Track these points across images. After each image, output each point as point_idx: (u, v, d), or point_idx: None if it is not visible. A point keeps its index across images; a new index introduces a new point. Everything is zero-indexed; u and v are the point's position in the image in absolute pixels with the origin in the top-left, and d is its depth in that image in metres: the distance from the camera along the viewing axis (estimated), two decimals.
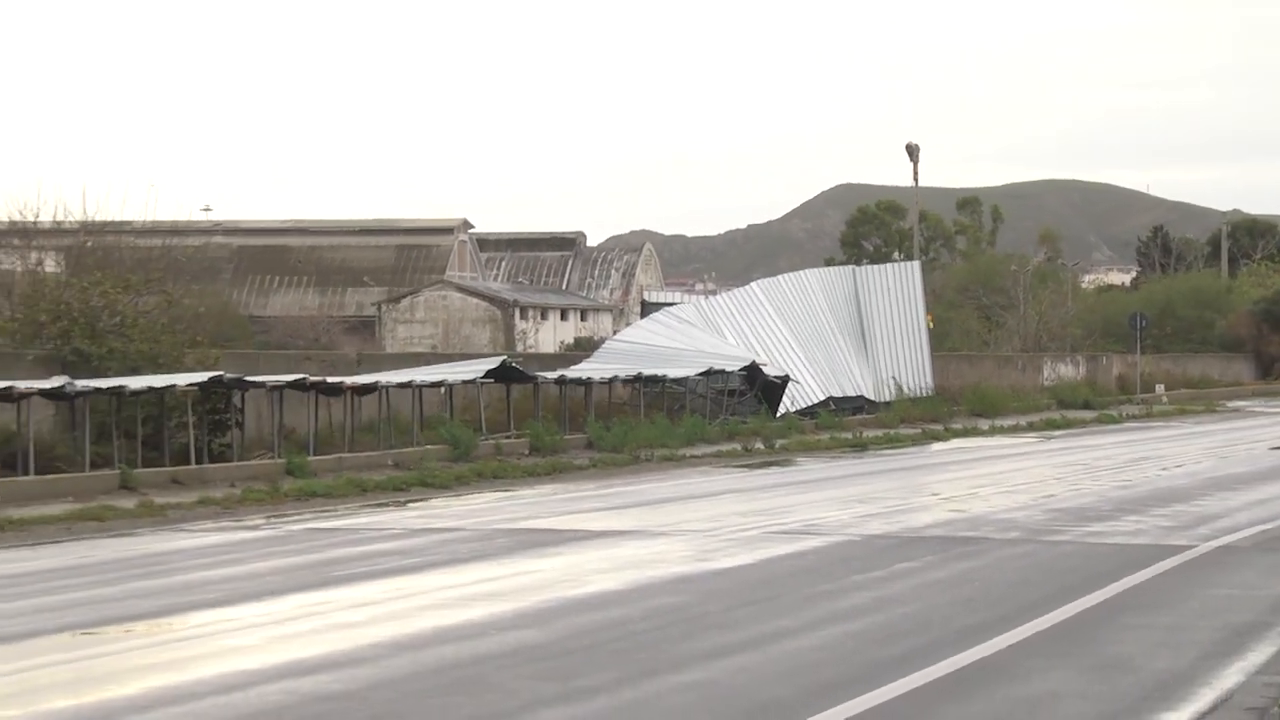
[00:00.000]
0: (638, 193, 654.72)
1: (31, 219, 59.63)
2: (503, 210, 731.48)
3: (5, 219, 59.94)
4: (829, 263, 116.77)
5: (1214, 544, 30.69)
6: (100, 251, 58.33)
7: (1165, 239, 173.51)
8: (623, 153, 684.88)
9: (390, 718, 16.25)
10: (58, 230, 59.91)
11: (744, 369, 72.04)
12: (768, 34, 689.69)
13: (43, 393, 42.29)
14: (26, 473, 40.74)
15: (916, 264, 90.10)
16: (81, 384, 43.09)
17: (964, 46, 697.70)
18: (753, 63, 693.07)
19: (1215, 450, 58.31)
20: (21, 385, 41.79)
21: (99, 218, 61.25)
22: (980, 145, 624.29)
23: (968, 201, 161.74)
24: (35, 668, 19.30)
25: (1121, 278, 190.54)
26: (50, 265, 57.04)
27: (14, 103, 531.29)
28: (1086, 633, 21.44)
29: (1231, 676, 18.64)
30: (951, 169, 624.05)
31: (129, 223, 63.12)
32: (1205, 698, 17.49)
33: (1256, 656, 19.80)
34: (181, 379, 45.62)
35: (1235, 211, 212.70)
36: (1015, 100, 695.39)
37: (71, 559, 30.24)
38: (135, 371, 46.42)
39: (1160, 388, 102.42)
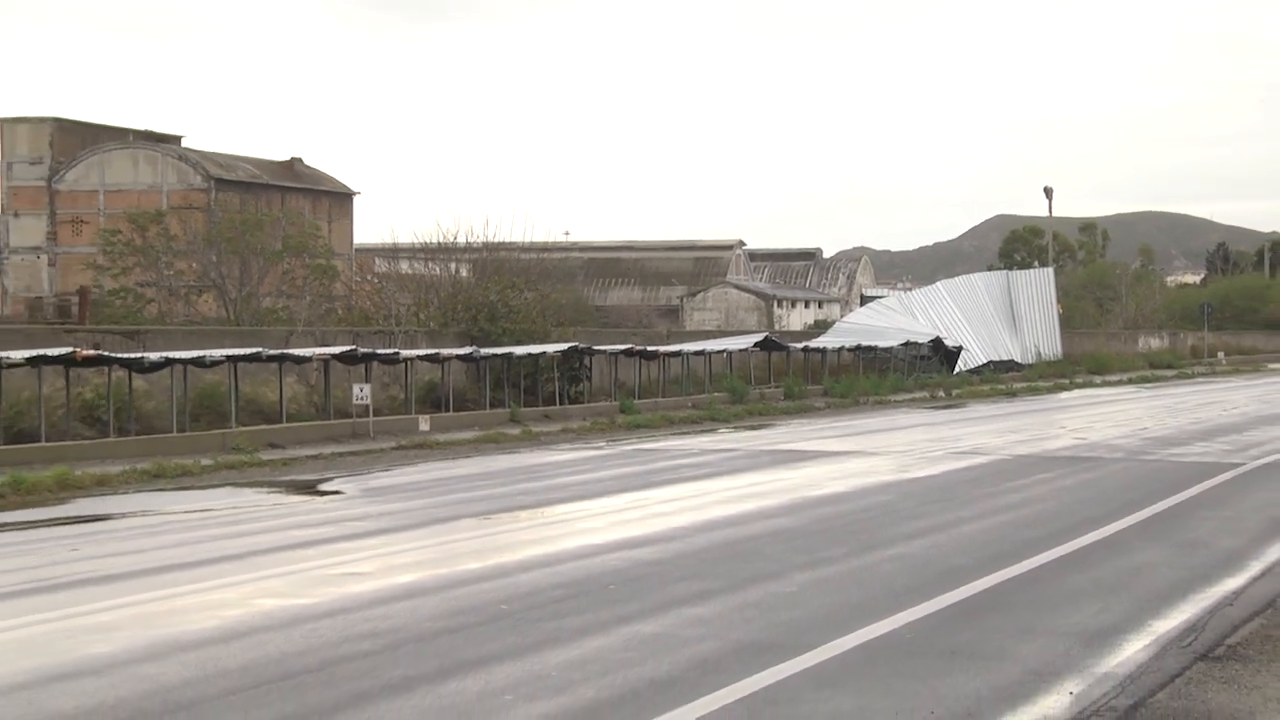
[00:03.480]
0: (858, 217, 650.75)
1: (451, 240, 60.57)
2: (766, 230, 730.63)
3: (434, 240, 60.88)
4: (990, 269, 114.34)
5: (1260, 462, 29.89)
6: (496, 262, 59.11)
7: (1225, 252, 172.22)
8: (849, 189, 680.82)
9: (694, 577, 16.25)
10: (468, 248, 60.67)
11: (930, 341, 71.56)
12: (949, 106, 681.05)
13: (458, 357, 43.03)
14: (447, 410, 41.47)
15: (1050, 270, 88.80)
16: (484, 351, 43.84)
17: (1088, 114, 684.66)
18: (938, 128, 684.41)
19: (1260, 398, 56.50)
20: (444, 352, 42.59)
21: (496, 239, 62.10)
22: (1096, 184, 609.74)
23: (1087, 226, 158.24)
24: (454, 541, 19.60)
25: (1194, 279, 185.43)
26: (463, 272, 57.83)
27: (442, 157, 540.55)
28: (1172, 522, 20.92)
29: (1274, 552, 18.23)
30: (1076, 202, 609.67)
31: (515, 243, 63.94)
32: (1255, 567, 17.16)
33: None
34: (550, 348, 46.17)
35: (1274, 232, 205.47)
36: (1122, 153, 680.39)
37: (478, 468, 30.70)
38: (519, 342, 47.10)
39: (1221, 354, 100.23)
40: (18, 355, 31.49)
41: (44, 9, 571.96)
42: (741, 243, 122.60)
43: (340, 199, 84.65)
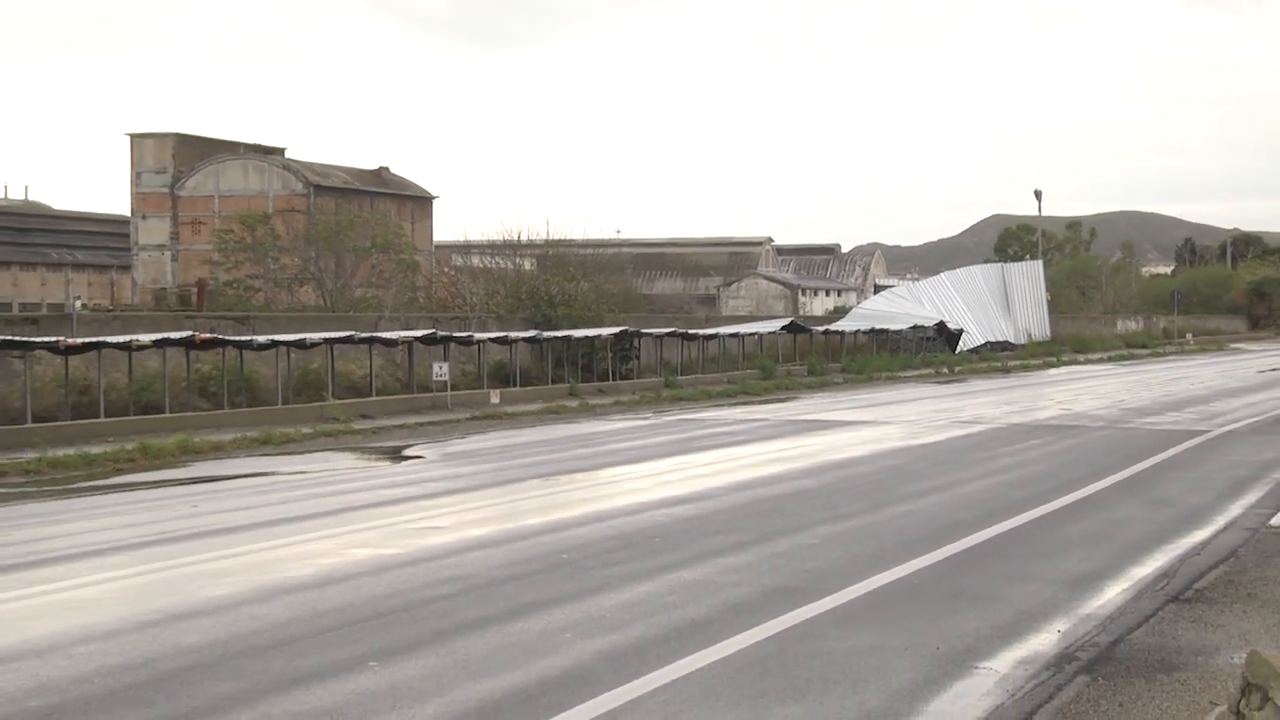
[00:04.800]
0: (872, 217, 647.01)
1: (516, 237, 60.58)
2: (791, 228, 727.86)
3: (501, 238, 60.95)
4: (987, 262, 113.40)
5: (1224, 429, 29.70)
6: (556, 257, 59.14)
7: (1193, 246, 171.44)
8: (864, 193, 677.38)
9: (727, 530, 16.25)
10: (531, 244, 60.73)
11: (935, 325, 71.18)
12: (951, 120, 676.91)
13: (524, 339, 43.08)
14: (515, 385, 41.53)
15: (1040, 262, 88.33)
16: (546, 334, 43.83)
17: (1073, 126, 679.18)
18: (941, 138, 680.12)
19: (1224, 373, 56.02)
20: (512, 335, 42.63)
21: (556, 236, 62.18)
22: (1080, 187, 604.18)
23: (1073, 224, 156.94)
24: (519, 499, 19.66)
25: (1165, 269, 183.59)
26: (528, 265, 57.89)
27: (509, 164, 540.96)
28: (1146, 482, 20.82)
29: (1236, 509, 18.18)
30: (1062, 203, 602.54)
31: (573, 240, 63.92)
32: (1219, 521, 17.10)
33: (1252, 497, 19.36)
34: (604, 331, 46.14)
35: (1235, 229, 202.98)
36: (1103, 160, 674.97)
37: (540, 436, 30.75)
38: (576, 326, 47.09)
39: (1189, 335, 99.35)
40: (146, 339, 31.82)
41: (166, 37, 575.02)
42: (770, 239, 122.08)
43: (422, 202, 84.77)
